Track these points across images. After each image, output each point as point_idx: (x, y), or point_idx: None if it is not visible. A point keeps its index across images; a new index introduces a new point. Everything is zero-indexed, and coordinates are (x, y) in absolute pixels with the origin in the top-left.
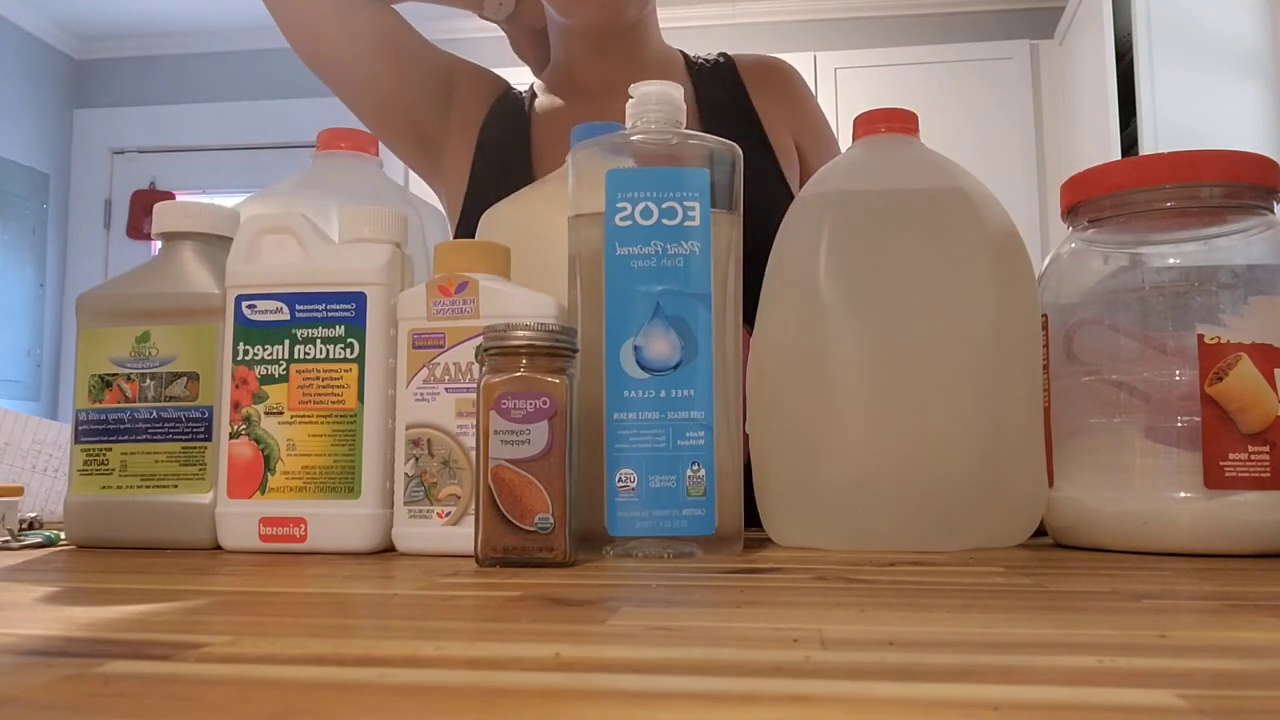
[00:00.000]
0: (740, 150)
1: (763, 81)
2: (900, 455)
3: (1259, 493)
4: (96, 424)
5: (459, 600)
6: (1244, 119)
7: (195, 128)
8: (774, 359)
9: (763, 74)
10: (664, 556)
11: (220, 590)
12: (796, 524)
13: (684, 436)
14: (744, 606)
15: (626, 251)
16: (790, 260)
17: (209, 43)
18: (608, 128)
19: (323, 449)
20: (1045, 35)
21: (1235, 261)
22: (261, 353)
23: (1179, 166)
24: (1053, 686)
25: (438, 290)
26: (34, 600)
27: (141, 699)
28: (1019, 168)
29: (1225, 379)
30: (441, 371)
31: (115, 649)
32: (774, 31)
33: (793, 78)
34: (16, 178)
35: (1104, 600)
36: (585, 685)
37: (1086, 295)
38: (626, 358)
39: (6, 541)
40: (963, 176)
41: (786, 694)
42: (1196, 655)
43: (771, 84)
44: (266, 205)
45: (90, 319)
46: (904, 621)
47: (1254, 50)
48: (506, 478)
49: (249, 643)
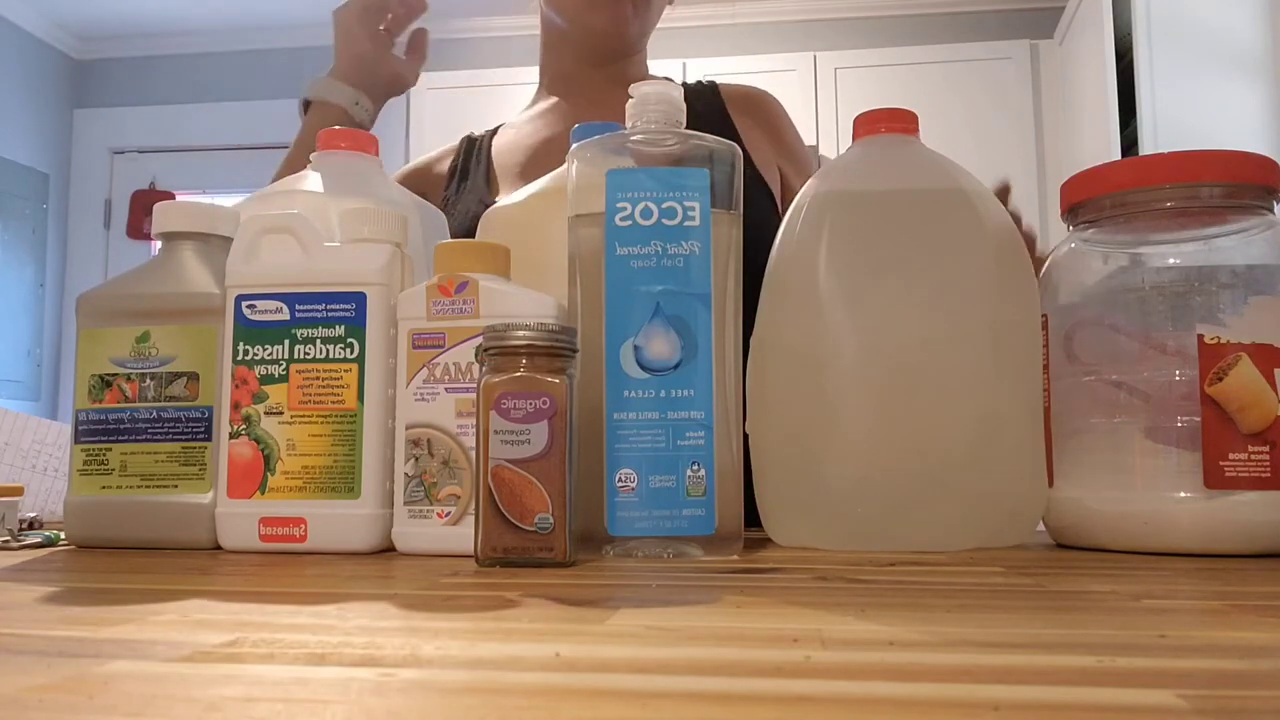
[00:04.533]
0: (740, 150)
1: (744, 108)
2: (900, 455)
3: (1259, 493)
4: (96, 424)
5: (459, 600)
6: (1244, 119)
7: (195, 128)
8: (774, 359)
9: (745, 101)
10: (664, 556)
11: (220, 590)
12: (796, 524)
13: (684, 436)
14: (744, 606)
15: (626, 251)
16: (790, 260)
17: (209, 43)
18: (607, 127)
19: (323, 449)
20: (1045, 35)
21: (1235, 261)
22: (261, 353)
23: (1179, 166)
24: (1053, 686)
25: (438, 290)
26: (34, 600)
27: (141, 699)
28: (1019, 168)
29: (1225, 379)
30: (441, 371)
31: (115, 649)
32: (774, 31)
33: (775, 107)
34: (16, 178)
35: (1104, 600)
36: (585, 685)
37: (1086, 295)
38: (626, 358)
39: (6, 541)
40: (963, 176)
41: (786, 694)
42: (1196, 655)
43: (753, 111)
44: (266, 205)
45: (90, 319)
46: (904, 621)
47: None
48: (506, 478)
49: (249, 643)
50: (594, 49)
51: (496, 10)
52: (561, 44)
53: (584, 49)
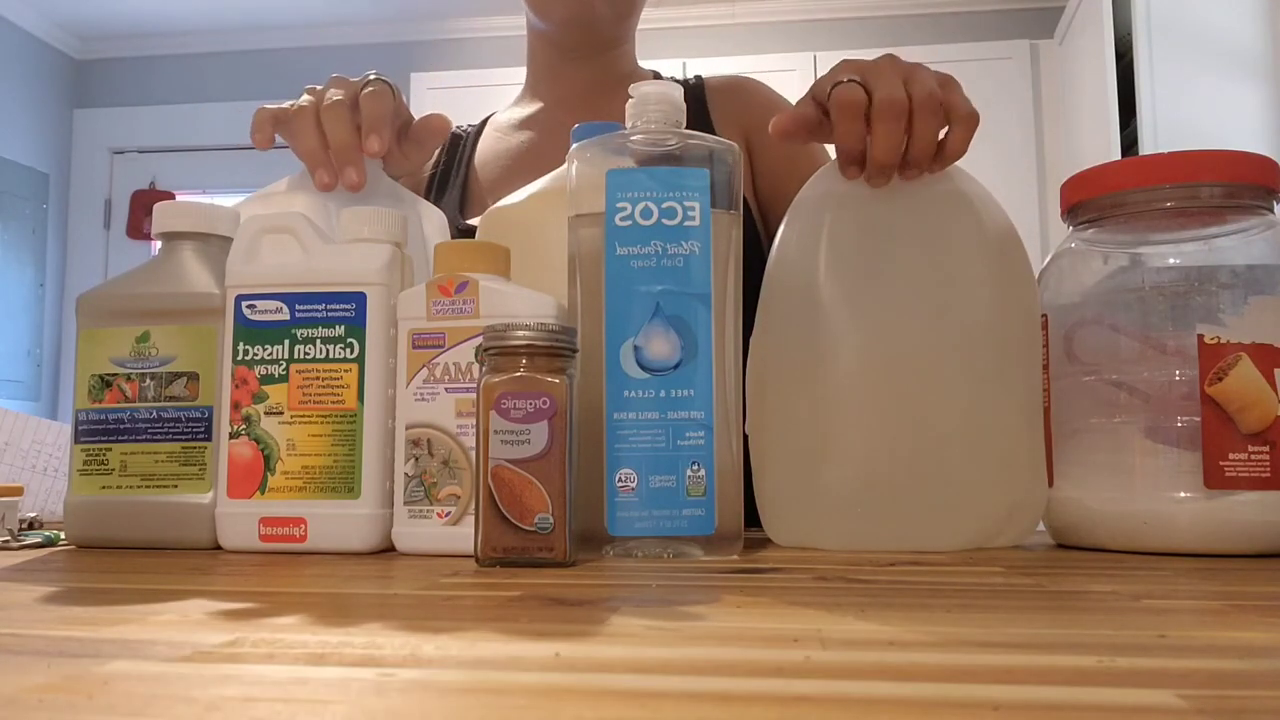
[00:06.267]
0: (740, 151)
1: (723, 100)
2: (899, 455)
3: (1259, 493)
4: (96, 424)
5: (459, 600)
6: (1244, 119)
7: (195, 128)
8: (773, 359)
9: (724, 93)
10: (664, 556)
11: (220, 590)
12: (796, 524)
13: (684, 436)
14: (744, 606)
15: (626, 251)
16: (790, 260)
17: (209, 43)
18: (607, 127)
19: (323, 449)
20: (1045, 35)
21: (1235, 261)
22: (261, 353)
23: (1179, 166)
24: (1053, 686)
25: (438, 290)
26: (34, 600)
27: (141, 699)
28: (1019, 168)
29: (1225, 379)
30: (441, 371)
31: (115, 649)
32: (774, 31)
33: (746, 85)
34: (16, 178)
35: (1104, 600)
36: (585, 685)
37: (1086, 295)
38: (626, 358)
39: (6, 541)
40: (962, 177)
41: (786, 694)
42: (1196, 655)
43: (729, 100)
44: (266, 205)
45: (90, 319)
46: (904, 621)
47: (1254, 50)
48: (506, 478)
49: (249, 643)
50: (570, 42)
51: (496, 10)
52: (539, 40)
53: (560, 44)
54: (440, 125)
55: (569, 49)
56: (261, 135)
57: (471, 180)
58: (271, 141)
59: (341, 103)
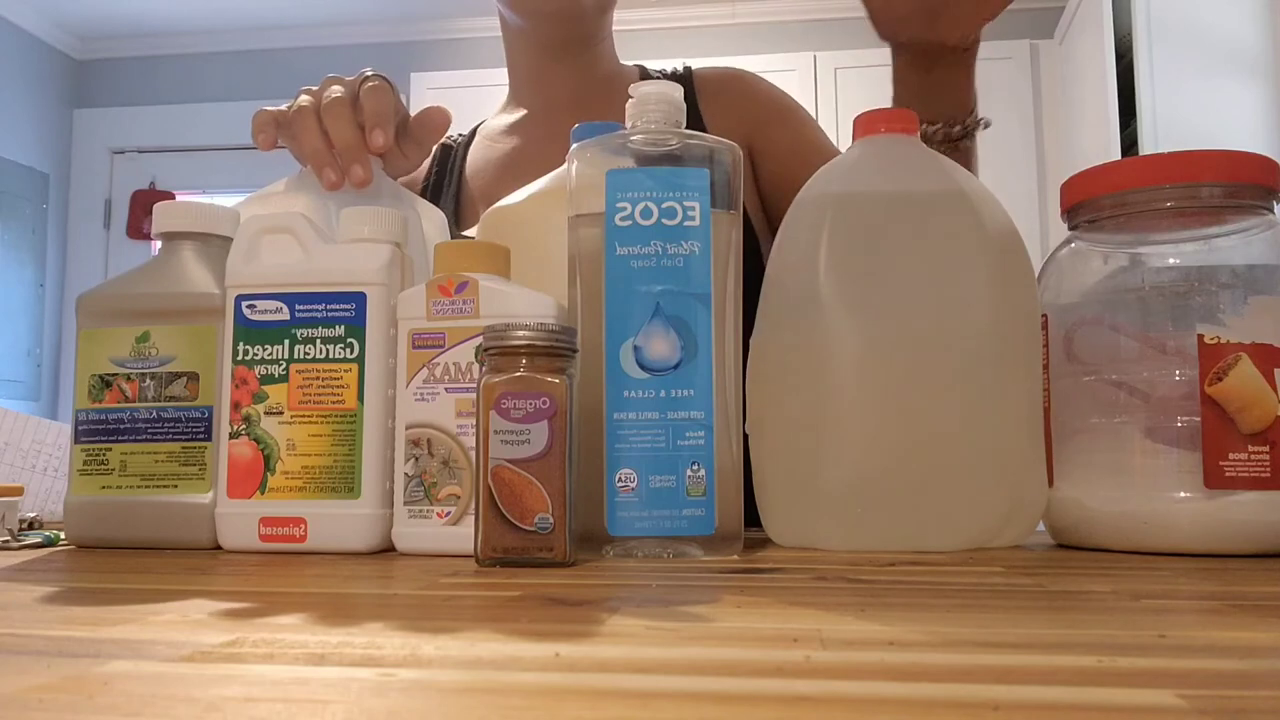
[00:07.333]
0: (740, 150)
1: (714, 93)
2: (900, 455)
3: (1259, 493)
4: (96, 424)
5: (459, 600)
6: (1244, 119)
7: (195, 128)
8: (773, 359)
9: (715, 85)
10: (664, 556)
11: (220, 590)
12: (796, 524)
13: (684, 436)
14: (744, 606)
15: (626, 251)
16: (790, 260)
17: (209, 43)
18: (607, 127)
19: (323, 449)
20: (1045, 35)
21: (1235, 261)
22: (261, 353)
23: (1179, 166)
24: (1053, 686)
25: (438, 290)
26: (34, 600)
27: (141, 699)
28: (1019, 168)
29: (1225, 379)
30: (441, 371)
31: (115, 649)
32: (774, 31)
33: (743, 79)
34: (16, 178)
35: (1104, 600)
36: (585, 685)
37: (1086, 295)
38: (626, 358)
39: (6, 541)
40: (962, 177)
41: (786, 694)
42: (1196, 655)
43: (722, 93)
44: (266, 205)
45: (90, 319)
46: (904, 621)
47: (1254, 50)
48: (506, 478)
49: (249, 643)
50: (555, 38)
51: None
52: (519, 41)
53: (545, 41)
54: (439, 120)
55: (554, 46)
56: (265, 136)
57: (464, 190)
58: (275, 142)
59: (342, 100)
